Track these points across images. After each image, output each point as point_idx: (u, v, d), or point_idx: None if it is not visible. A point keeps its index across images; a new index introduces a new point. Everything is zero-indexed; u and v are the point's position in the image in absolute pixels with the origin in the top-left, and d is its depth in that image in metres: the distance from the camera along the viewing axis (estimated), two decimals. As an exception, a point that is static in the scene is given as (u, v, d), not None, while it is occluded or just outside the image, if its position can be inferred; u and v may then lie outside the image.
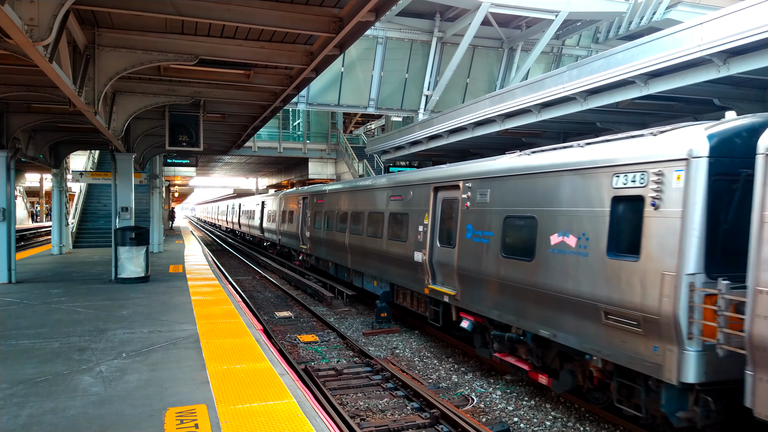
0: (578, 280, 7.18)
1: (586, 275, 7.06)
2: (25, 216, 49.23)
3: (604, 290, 6.78)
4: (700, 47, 10.56)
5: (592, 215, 7.12)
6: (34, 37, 5.67)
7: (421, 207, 11.97)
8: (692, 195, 5.90)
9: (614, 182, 6.82)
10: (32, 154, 17.08)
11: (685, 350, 5.88)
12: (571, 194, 7.59)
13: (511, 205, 8.79)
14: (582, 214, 7.30)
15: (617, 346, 6.68)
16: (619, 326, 6.62)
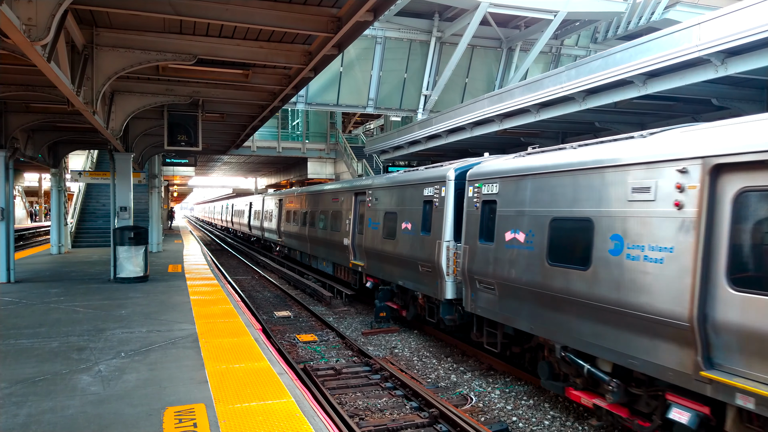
0: (413, 247, 12.11)
1: (416, 244, 11.95)
2: (24, 216, 49.20)
3: (419, 253, 11.74)
4: (699, 47, 10.58)
5: (416, 209, 12.07)
6: (32, 37, 5.66)
7: (348, 207, 16.74)
8: (448, 200, 10.87)
9: (425, 192, 11.80)
10: (31, 153, 17.07)
11: (446, 281, 10.66)
12: (398, 197, 13.21)
13: (387, 205, 13.76)
14: (410, 209, 12.44)
15: (425, 284, 11.54)
16: (424, 272, 11.55)
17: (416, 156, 27.81)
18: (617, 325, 6.52)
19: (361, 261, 15.32)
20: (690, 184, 5.69)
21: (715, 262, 5.43)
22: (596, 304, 6.80)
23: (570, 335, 7.35)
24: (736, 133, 5.47)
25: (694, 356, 5.52)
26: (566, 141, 18.49)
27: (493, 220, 9.16)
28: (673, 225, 5.83)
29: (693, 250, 5.55)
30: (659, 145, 6.27)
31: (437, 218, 11.07)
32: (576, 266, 7.15)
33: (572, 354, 7.44)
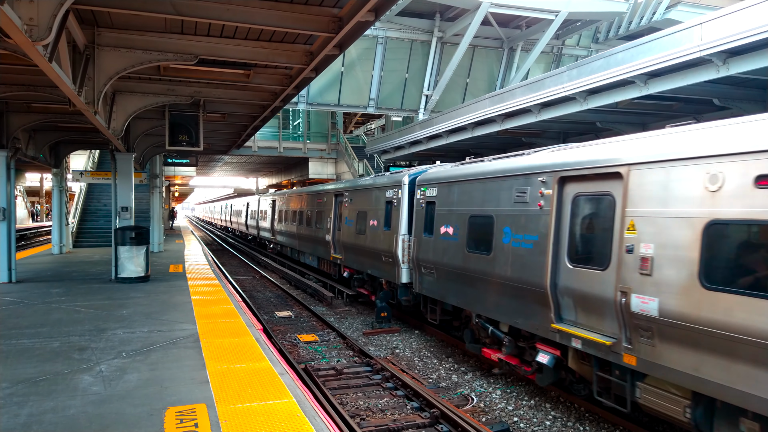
0: (378, 241, 14.02)
1: (380, 238, 13.90)
2: (26, 216, 49.25)
3: (382, 245, 13.69)
4: (700, 47, 10.57)
5: (381, 209, 14.09)
6: (34, 37, 5.67)
7: (329, 207, 18.70)
8: (403, 200, 12.86)
9: (387, 194, 13.79)
10: (32, 153, 17.09)
11: (401, 268, 12.70)
12: (368, 198, 15.23)
13: (360, 205, 15.81)
14: (376, 208, 14.45)
15: (387, 271, 13.60)
16: (386, 261, 13.48)
17: (417, 156, 27.81)
18: (508, 295, 8.63)
19: (340, 254, 17.56)
20: (547, 190, 7.79)
21: (561, 246, 7.52)
22: (495, 280, 8.92)
23: (481, 306, 9.49)
24: (574, 154, 7.52)
25: (550, 313, 7.57)
26: (568, 141, 18.47)
27: (433, 217, 11.30)
28: (537, 220, 7.93)
29: (549, 238, 7.62)
30: (532, 161, 8.34)
31: (395, 216, 13.23)
32: (484, 252, 9.30)
33: (483, 320, 9.47)
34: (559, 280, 7.49)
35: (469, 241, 9.78)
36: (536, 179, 8.02)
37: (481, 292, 9.43)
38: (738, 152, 5.30)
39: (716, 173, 5.48)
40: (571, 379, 8.15)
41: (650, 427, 7.60)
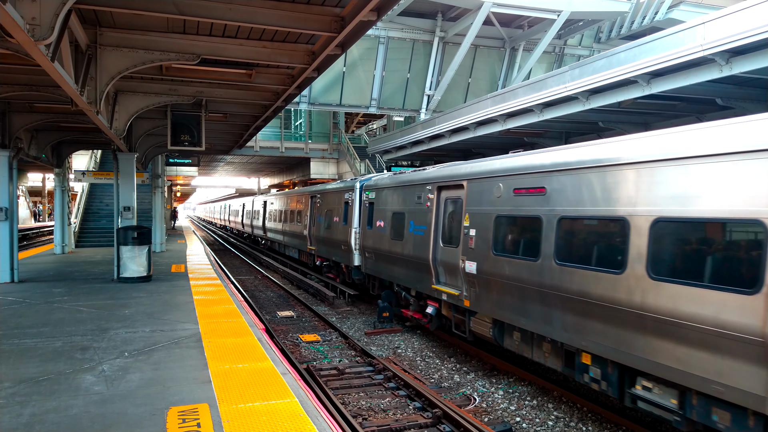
0: (339, 233, 17.22)
1: (341, 231, 17.11)
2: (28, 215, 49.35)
3: (342, 237, 16.84)
4: (703, 47, 10.54)
5: (341, 208, 17.21)
6: (36, 37, 5.67)
7: (306, 207, 22.21)
8: (356, 201, 16.04)
9: (345, 196, 17.04)
10: (34, 153, 17.11)
11: (354, 254, 15.83)
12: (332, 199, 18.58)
13: (328, 205, 19.01)
14: (339, 207, 17.60)
15: (345, 257, 16.61)
16: (344, 249, 16.56)
17: (419, 156, 27.80)
18: (412, 269, 12.05)
19: (314, 246, 21.03)
20: (432, 195, 11.24)
21: (438, 233, 11.00)
22: (406, 258, 12.31)
23: (400, 278, 12.99)
24: (446, 170, 10.98)
25: (432, 278, 11.08)
26: (570, 141, 18.45)
27: (372, 214, 14.80)
28: (426, 215, 11.41)
29: (431, 227, 11.11)
30: (426, 175, 11.78)
31: (350, 213, 16.52)
32: (399, 239, 12.74)
33: (401, 289, 13.12)
34: (436, 255, 11.01)
35: (392, 231, 13.27)
36: (426, 187, 11.58)
37: (399, 268, 12.98)
38: (506, 174, 8.85)
39: (499, 186, 8.96)
40: (447, 323, 11.26)
41: (653, 426, 7.58)
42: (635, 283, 6.27)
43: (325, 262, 19.84)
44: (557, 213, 7.63)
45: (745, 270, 5.19)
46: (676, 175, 5.92)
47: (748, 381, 5.11)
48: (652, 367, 6.12)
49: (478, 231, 9.36)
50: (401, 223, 12.64)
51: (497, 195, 8.93)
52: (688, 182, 5.78)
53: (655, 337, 6.05)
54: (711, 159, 5.58)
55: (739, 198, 5.26)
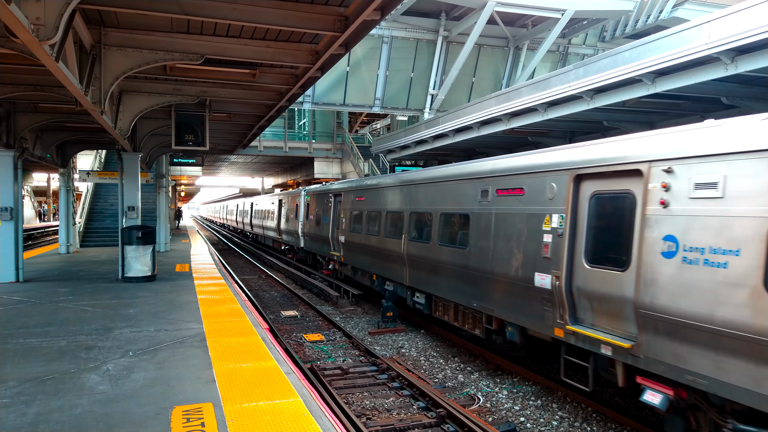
0: (294, 226, 24.51)
1: (294, 224, 24.59)
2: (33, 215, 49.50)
3: (294, 228, 24.53)
4: (708, 45, 10.48)
5: (294, 208, 24.97)
6: (41, 37, 5.68)
7: (277, 207, 29.06)
8: (302, 203, 23.48)
9: (297, 199, 24.50)
10: (39, 153, 17.16)
11: (301, 239, 23.63)
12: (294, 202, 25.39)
13: (290, 205, 25.82)
14: (296, 207, 24.60)
15: (294, 242, 25.05)
16: (296, 236, 24.28)
17: (423, 155, 27.75)
18: (324, 243, 19.30)
19: (282, 236, 28.39)
20: (332, 200, 18.49)
21: (334, 221, 18.27)
22: (323, 237, 19.30)
23: (320, 250, 20.12)
24: (335, 186, 19.34)
25: (331, 247, 18.48)
26: (574, 140, 18.39)
27: (308, 211, 22.01)
28: (330, 212, 18.54)
29: (331, 218, 18.33)
30: (330, 186, 18.91)
31: (299, 211, 23.67)
32: (320, 226, 19.61)
33: (320, 257, 20.26)
34: (333, 234, 18.21)
35: (317, 221, 20.39)
36: (331, 195, 18.86)
37: (320, 244, 20.18)
38: (350, 189, 15.26)
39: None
40: (340, 273, 18.53)
41: (657, 427, 7.55)
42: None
43: (286, 247, 28.34)
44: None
45: None
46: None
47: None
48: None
49: (345, 219, 17.20)
50: (320, 216, 20.05)
51: (352, 199, 16.75)
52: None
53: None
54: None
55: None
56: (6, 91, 11.27)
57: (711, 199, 5.51)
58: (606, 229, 6.95)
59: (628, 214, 6.44)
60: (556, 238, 7.49)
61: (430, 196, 11.49)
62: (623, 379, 6.62)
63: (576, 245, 7.27)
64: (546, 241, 7.68)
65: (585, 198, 7.21)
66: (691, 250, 5.61)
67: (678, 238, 5.75)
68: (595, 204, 7.10)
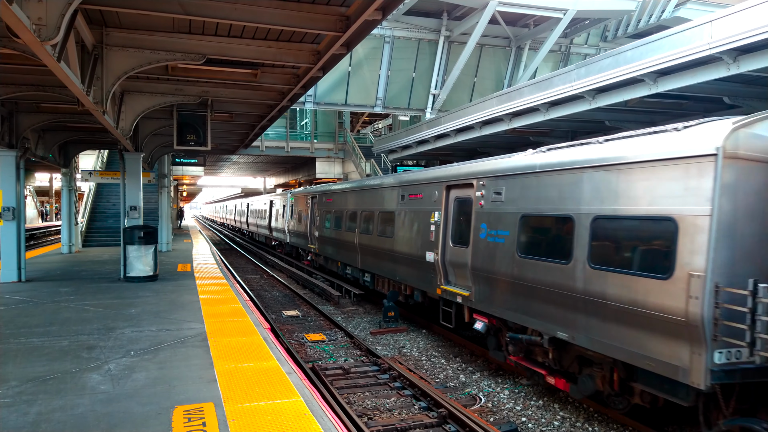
0: (281, 224, 28.66)
1: (281, 222, 28.73)
2: (35, 215, 49.58)
3: (282, 226, 28.41)
4: (710, 45, 10.48)
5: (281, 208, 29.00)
6: (42, 37, 5.69)
7: (267, 208, 32.77)
8: (288, 203, 27.05)
9: (283, 200, 28.92)
10: (41, 153, 17.19)
11: (287, 235, 27.44)
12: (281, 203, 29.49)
13: (278, 206, 29.62)
14: (282, 207, 28.60)
15: (282, 238, 29.72)
16: (284, 233, 28.29)
17: (424, 155, 27.76)
18: (302, 237, 23.57)
19: (273, 234, 31.86)
20: (309, 203, 22.31)
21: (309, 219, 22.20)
22: (301, 232, 23.45)
23: (302, 245, 23.68)
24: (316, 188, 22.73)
25: (309, 241, 22.26)
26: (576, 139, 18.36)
27: (292, 211, 25.37)
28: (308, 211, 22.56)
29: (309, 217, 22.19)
30: (310, 189, 22.36)
31: (285, 211, 27.38)
32: (299, 222, 23.84)
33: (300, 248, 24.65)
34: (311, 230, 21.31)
35: (299, 220, 23.71)
36: (309, 197, 21.75)
37: (301, 239, 23.67)
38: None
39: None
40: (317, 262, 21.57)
41: (659, 427, 7.54)
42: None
43: (275, 242, 32.30)
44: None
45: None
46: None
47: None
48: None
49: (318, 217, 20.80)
50: (301, 215, 23.62)
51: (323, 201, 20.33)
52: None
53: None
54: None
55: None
56: (8, 91, 11.29)
57: (498, 202, 9.07)
58: (461, 221, 10.38)
59: (470, 210, 9.90)
60: (437, 228, 11.14)
61: (374, 199, 15.17)
62: (468, 316, 10.19)
63: (447, 232, 10.89)
64: (432, 230, 11.36)
65: (451, 200, 10.86)
66: (491, 232, 9.15)
67: (486, 225, 9.32)
68: (456, 204, 10.65)
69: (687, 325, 5.60)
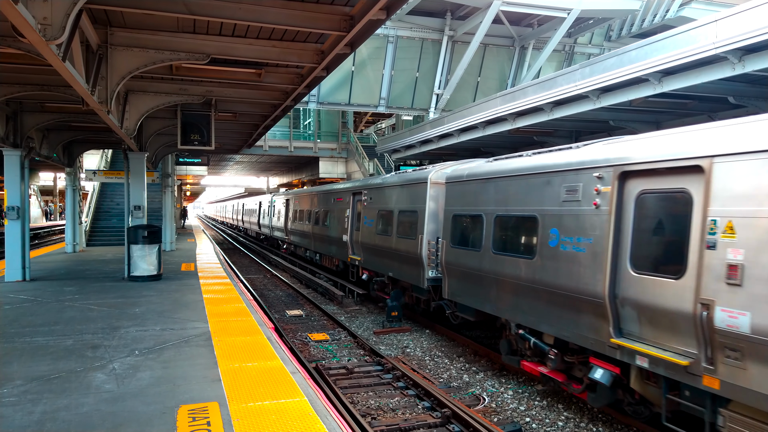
0: (267, 221, 34.48)
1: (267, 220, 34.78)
2: (39, 215, 49.75)
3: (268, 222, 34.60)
4: (715, 45, 10.43)
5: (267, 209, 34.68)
6: (48, 36, 5.70)
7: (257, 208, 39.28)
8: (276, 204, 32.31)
9: (268, 201, 34.79)
10: (46, 153, 17.23)
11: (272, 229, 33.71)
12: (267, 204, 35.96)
13: (265, 207, 36.02)
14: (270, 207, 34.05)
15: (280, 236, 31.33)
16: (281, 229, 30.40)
17: (428, 155, 27.74)
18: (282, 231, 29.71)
19: (260, 229, 37.42)
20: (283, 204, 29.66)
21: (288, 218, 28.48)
22: (280, 227, 29.86)
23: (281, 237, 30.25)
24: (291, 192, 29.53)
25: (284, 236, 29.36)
26: (580, 140, 18.33)
27: (276, 210, 31.03)
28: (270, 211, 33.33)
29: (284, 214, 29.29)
30: (290, 192, 29.26)
31: (269, 211, 33.38)
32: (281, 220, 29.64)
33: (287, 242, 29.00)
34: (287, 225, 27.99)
35: (278, 218, 29.68)
36: (285, 199, 28.76)
37: (280, 233, 29.41)
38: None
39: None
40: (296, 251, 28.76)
41: (664, 428, 7.51)
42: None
43: (263, 236, 38.20)
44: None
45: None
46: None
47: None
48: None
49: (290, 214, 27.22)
50: (281, 213, 29.22)
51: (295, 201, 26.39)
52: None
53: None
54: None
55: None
56: (13, 91, 11.32)
57: (368, 202, 15.81)
58: (357, 215, 16.82)
59: (359, 208, 16.82)
60: (348, 220, 17.59)
61: (323, 200, 21.27)
62: (360, 272, 16.76)
63: (354, 221, 17.06)
64: (347, 220, 17.67)
65: (355, 201, 17.13)
66: (370, 221, 15.48)
67: (366, 216, 15.95)
68: (356, 202, 17.17)
69: (418, 259, 12.25)
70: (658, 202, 6.21)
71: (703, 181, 5.59)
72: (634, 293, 6.35)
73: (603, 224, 6.74)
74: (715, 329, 5.31)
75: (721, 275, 5.28)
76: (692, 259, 5.62)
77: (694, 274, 5.58)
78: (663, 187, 6.12)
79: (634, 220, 6.41)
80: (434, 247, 11.67)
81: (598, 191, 6.91)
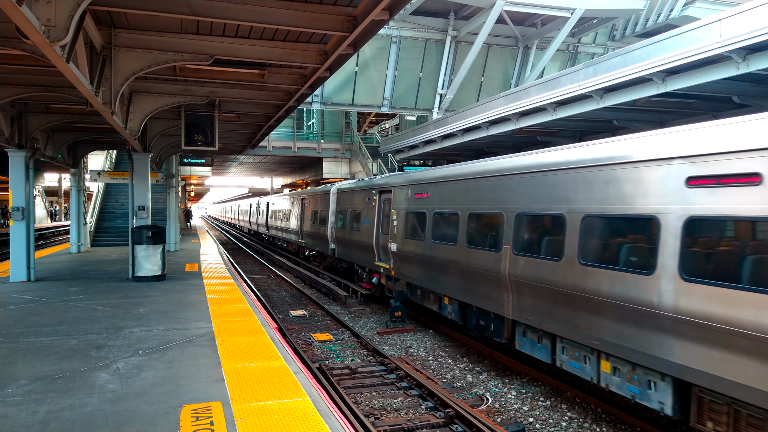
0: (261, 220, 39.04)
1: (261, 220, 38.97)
2: (44, 215, 49.92)
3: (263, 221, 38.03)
4: (719, 44, 10.41)
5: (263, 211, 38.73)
6: (51, 38, 5.72)
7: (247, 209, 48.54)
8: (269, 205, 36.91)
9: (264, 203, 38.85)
10: (51, 154, 17.30)
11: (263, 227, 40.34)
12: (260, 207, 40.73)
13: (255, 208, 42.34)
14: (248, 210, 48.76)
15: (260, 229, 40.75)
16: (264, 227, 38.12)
17: (431, 155, 27.74)
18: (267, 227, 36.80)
19: (250, 227, 43.90)
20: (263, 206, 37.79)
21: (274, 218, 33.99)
22: (268, 225, 35.21)
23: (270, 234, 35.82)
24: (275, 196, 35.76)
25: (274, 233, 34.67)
26: (584, 139, 18.30)
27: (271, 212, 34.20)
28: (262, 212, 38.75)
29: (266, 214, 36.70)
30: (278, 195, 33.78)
31: (263, 212, 37.70)
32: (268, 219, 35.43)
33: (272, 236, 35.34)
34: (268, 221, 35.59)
35: (266, 218, 35.27)
36: (265, 201, 37.44)
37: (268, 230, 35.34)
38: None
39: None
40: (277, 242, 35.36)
41: (668, 428, 7.50)
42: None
43: (253, 232, 44.65)
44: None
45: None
46: None
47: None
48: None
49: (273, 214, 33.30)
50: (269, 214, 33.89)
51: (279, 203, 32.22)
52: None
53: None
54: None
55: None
56: (17, 92, 11.37)
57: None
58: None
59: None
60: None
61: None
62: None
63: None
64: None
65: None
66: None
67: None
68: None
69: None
70: None
71: None
72: (381, 243, 14.63)
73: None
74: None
75: None
76: None
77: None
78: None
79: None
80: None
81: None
